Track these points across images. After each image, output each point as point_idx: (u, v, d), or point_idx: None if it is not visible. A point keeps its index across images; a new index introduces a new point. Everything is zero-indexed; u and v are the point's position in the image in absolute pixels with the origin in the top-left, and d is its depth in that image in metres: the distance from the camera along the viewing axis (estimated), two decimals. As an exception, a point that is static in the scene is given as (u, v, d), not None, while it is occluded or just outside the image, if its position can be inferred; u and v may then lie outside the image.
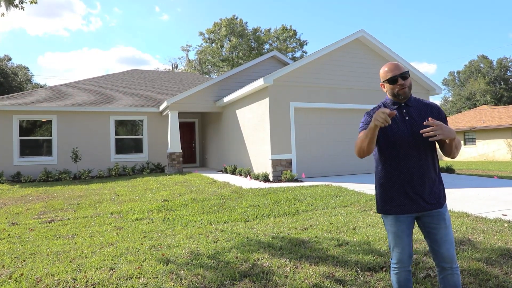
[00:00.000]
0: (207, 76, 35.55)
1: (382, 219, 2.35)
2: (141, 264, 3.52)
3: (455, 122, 27.83)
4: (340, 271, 3.26)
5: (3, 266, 3.64)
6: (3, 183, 11.27)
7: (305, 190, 7.50)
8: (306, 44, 42.45)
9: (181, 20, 77.20)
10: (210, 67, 43.53)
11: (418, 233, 4.13)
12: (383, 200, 2.28)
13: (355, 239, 4.14)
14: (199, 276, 3.22)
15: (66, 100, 13.79)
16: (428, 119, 2.03)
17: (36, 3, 7.23)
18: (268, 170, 9.78)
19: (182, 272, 3.31)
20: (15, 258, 3.90)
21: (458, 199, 6.35)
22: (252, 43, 41.05)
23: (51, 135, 13.16)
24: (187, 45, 54.35)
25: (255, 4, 72.97)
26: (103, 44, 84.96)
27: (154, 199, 7.31)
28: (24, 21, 72.13)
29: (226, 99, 12.33)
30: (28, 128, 13.19)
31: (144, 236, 4.65)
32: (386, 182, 2.25)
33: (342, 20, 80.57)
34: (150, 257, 3.74)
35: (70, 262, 3.68)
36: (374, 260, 3.46)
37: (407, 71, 2.25)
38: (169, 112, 12.82)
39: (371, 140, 2.10)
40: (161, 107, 13.84)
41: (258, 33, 41.67)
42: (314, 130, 10.52)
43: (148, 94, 16.04)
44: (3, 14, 7.10)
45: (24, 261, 3.78)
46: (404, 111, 2.25)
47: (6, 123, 12.57)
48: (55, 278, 3.24)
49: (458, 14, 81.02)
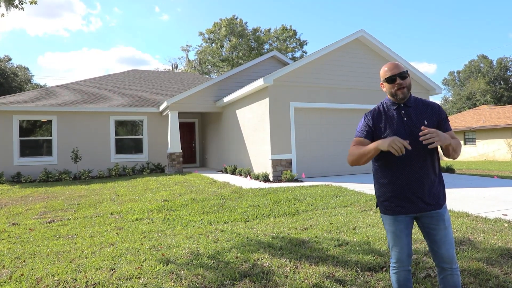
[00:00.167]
0: (207, 76, 35.54)
1: (381, 218, 2.35)
2: (141, 264, 3.52)
3: (455, 122, 27.81)
4: (340, 271, 3.26)
5: (3, 266, 3.65)
6: (3, 183, 11.28)
7: (305, 190, 7.50)
8: (306, 44, 42.49)
9: (181, 20, 77.29)
10: (210, 67, 43.55)
11: (418, 233, 4.13)
12: (380, 200, 2.30)
13: (355, 239, 4.14)
14: (199, 276, 3.22)
15: (66, 100, 13.80)
16: (421, 128, 2.03)
17: (36, 3, 7.23)
18: (268, 170, 9.79)
19: (182, 272, 3.32)
20: (15, 258, 3.90)
21: (458, 199, 6.35)
22: (252, 43, 41.06)
23: (51, 136, 13.17)
24: (187, 45, 54.41)
25: (255, 4, 73.02)
26: (103, 44, 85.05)
27: (154, 199, 7.31)
28: (24, 21, 72.22)
29: (226, 99, 12.33)
30: (28, 128, 13.19)
31: (144, 236, 4.65)
32: (384, 182, 2.26)
33: (342, 20, 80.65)
34: (150, 257, 3.74)
35: (70, 262, 3.68)
36: (374, 260, 3.46)
37: (406, 71, 2.24)
38: (169, 112, 12.82)
39: (371, 158, 2.16)
40: (161, 107, 13.84)
41: (258, 33, 41.68)
42: (314, 130, 10.52)
43: (148, 94, 16.04)
44: (3, 15, 7.10)
45: (24, 261, 3.78)
46: (403, 111, 2.24)
47: (6, 123, 12.57)
48: (55, 278, 3.24)
49: (458, 14, 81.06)
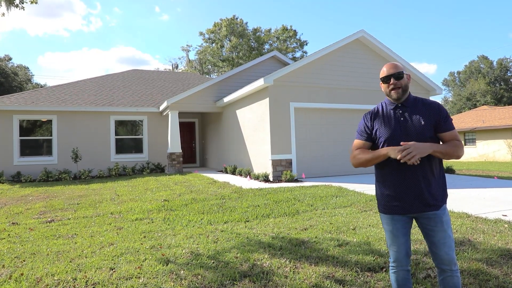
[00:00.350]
0: (207, 76, 35.53)
1: (380, 217, 2.37)
2: (141, 264, 3.52)
3: (455, 122, 27.81)
4: (340, 271, 3.26)
5: (3, 266, 3.65)
6: (3, 183, 11.27)
7: (305, 190, 7.50)
8: (306, 44, 42.52)
9: (181, 20, 77.30)
10: (210, 67, 43.55)
11: (418, 233, 4.13)
12: (378, 199, 2.33)
13: (355, 240, 4.14)
14: (199, 276, 3.22)
15: (66, 100, 13.80)
16: (401, 143, 2.08)
17: (36, 3, 7.24)
18: (268, 170, 9.78)
19: (182, 272, 3.31)
20: (15, 258, 3.90)
21: (458, 200, 6.35)
22: (252, 43, 41.07)
23: (51, 135, 13.16)
24: (187, 45, 54.40)
25: (255, 4, 73.05)
26: (103, 44, 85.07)
27: (154, 199, 7.31)
28: (24, 21, 72.26)
29: (226, 99, 12.33)
30: (28, 128, 13.19)
31: (144, 236, 4.65)
32: (382, 181, 2.28)
33: (342, 20, 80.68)
34: (150, 257, 3.74)
35: (70, 262, 3.68)
36: (374, 260, 3.46)
37: (401, 72, 2.23)
38: (169, 112, 12.82)
39: (375, 162, 2.22)
40: (161, 107, 13.84)
41: (258, 33, 41.69)
42: (314, 130, 10.52)
43: (148, 94, 16.04)
44: (3, 14, 7.11)
45: (24, 261, 3.78)
46: (400, 111, 2.24)
47: (6, 123, 12.57)
48: (55, 278, 3.24)
49: (458, 14, 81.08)
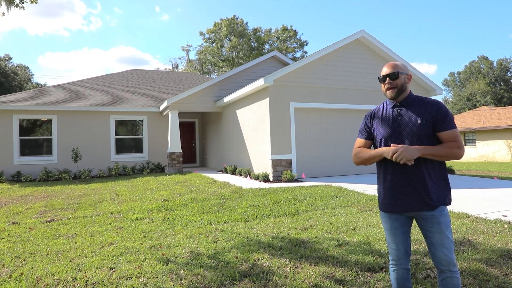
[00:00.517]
0: (207, 76, 35.54)
1: (380, 215, 2.41)
2: (141, 264, 3.52)
3: (455, 122, 27.86)
4: (340, 271, 3.26)
5: (3, 265, 3.65)
6: (3, 182, 11.27)
7: (305, 190, 7.50)
8: (307, 44, 42.52)
9: (181, 20, 77.30)
10: (210, 67, 43.55)
11: (418, 233, 4.13)
12: (378, 196, 2.38)
13: (355, 240, 4.14)
14: (199, 276, 3.22)
15: (66, 99, 13.80)
16: (391, 145, 2.16)
17: (36, 2, 7.24)
18: (268, 170, 9.79)
19: (182, 272, 3.32)
20: (15, 257, 3.90)
21: (458, 200, 6.35)
22: (252, 43, 41.07)
23: (51, 135, 13.16)
24: (187, 45, 54.36)
25: (255, 4, 73.05)
26: (103, 44, 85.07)
27: (154, 198, 7.31)
28: (24, 20, 72.26)
29: (226, 99, 12.33)
30: (28, 127, 13.19)
31: (144, 236, 4.65)
32: (381, 179, 2.33)
33: (342, 20, 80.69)
34: (150, 256, 3.74)
35: (70, 261, 3.68)
36: (374, 260, 3.46)
37: (397, 72, 2.24)
38: (169, 112, 12.82)
39: (374, 161, 2.29)
40: (161, 107, 13.84)
41: (258, 33, 41.69)
42: (314, 130, 10.52)
43: (148, 94, 16.04)
44: (3, 14, 7.11)
45: (24, 260, 3.78)
46: (398, 110, 2.27)
47: (6, 122, 12.57)
48: (55, 278, 3.24)
49: (458, 15, 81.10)
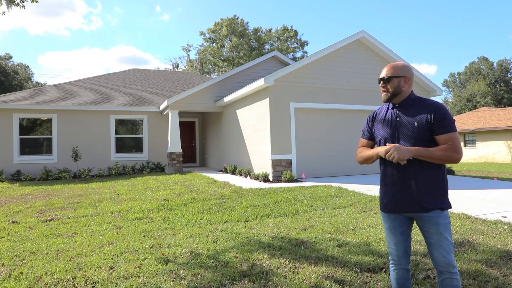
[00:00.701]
0: (207, 76, 35.54)
1: (380, 215, 2.41)
2: (140, 263, 3.52)
3: (455, 125, 27.88)
4: (340, 271, 3.26)
5: (3, 264, 3.65)
6: (3, 181, 11.26)
7: (305, 191, 7.50)
8: (307, 44, 42.54)
9: (181, 19, 77.31)
10: (210, 66, 43.56)
11: (418, 234, 4.13)
12: (379, 196, 2.40)
13: (354, 240, 4.14)
14: (199, 276, 3.22)
15: (66, 99, 13.79)
16: (386, 144, 2.19)
17: (37, 1, 7.24)
18: (268, 170, 9.79)
19: (181, 271, 3.32)
20: (14, 256, 3.90)
21: (457, 201, 6.35)
22: (253, 43, 41.08)
23: (51, 134, 13.16)
24: (187, 44, 54.31)
25: (256, 4, 73.06)
26: (103, 44, 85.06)
27: (154, 198, 7.31)
28: (25, 20, 72.22)
29: (227, 99, 12.33)
30: (28, 126, 13.19)
31: (144, 236, 4.65)
32: (382, 179, 2.35)
33: (342, 21, 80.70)
34: (150, 256, 3.74)
35: (70, 261, 3.68)
36: (374, 261, 3.46)
37: (390, 77, 2.24)
38: (169, 112, 12.82)
39: (375, 160, 2.37)
40: (161, 107, 13.84)
41: (259, 33, 41.70)
42: (315, 130, 10.52)
43: (149, 94, 16.04)
44: (4, 13, 7.11)
45: (23, 259, 3.78)
46: (397, 112, 2.28)
47: (6, 121, 12.57)
48: (55, 277, 3.24)
49: (458, 15, 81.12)
